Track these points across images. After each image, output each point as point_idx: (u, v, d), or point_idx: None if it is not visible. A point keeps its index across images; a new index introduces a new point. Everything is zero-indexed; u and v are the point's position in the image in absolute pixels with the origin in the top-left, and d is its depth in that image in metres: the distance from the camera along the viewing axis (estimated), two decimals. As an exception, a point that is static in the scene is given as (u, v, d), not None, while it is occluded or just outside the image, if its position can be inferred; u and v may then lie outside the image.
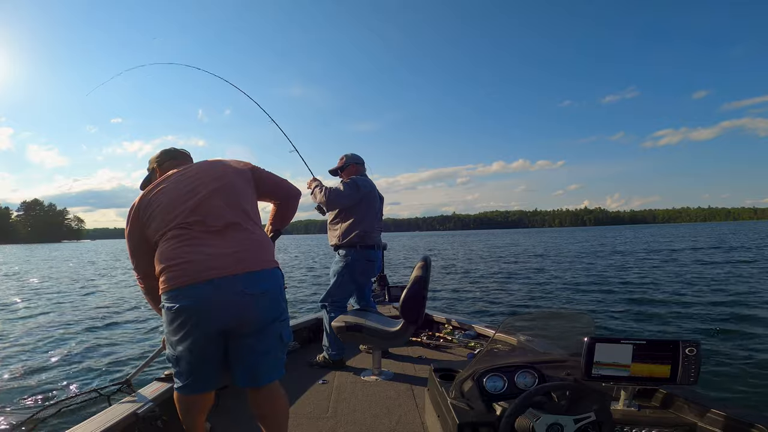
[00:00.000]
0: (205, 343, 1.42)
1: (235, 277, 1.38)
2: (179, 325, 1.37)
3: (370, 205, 2.82)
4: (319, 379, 2.51)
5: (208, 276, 1.36)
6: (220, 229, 1.46)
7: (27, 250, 51.44)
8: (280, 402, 1.53)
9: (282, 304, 1.51)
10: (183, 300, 1.35)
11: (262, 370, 1.46)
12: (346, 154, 2.96)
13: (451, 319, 3.44)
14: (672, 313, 6.50)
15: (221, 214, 1.48)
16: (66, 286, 12.13)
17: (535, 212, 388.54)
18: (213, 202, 1.49)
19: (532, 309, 7.33)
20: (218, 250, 1.41)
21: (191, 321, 1.36)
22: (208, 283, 1.35)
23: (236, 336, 1.44)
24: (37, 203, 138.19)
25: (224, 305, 1.37)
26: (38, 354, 4.99)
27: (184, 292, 1.35)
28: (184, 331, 1.38)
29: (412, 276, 2.38)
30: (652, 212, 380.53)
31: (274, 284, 1.48)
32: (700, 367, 1.40)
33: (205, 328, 1.38)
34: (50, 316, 7.45)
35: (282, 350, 1.54)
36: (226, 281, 1.37)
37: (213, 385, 1.53)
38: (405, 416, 2.02)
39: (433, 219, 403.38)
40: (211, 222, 1.45)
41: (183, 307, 1.35)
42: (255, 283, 1.41)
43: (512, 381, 1.46)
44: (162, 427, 1.79)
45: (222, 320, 1.39)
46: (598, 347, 1.43)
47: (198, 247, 1.40)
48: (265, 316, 1.44)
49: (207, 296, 1.35)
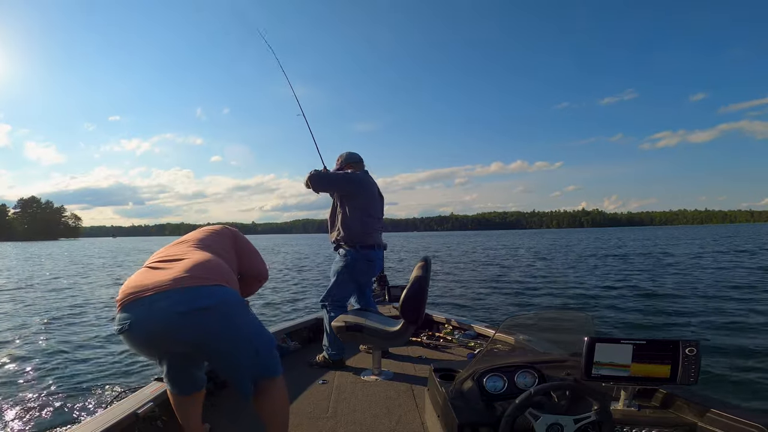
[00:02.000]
0: (158, 358, 1.52)
1: (165, 294, 1.30)
2: (128, 343, 1.39)
3: (369, 204, 2.80)
4: (319, 379, 2.51)
5: (140, 296, 1.33)
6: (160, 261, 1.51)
7: (21, 248, 51.10)
8: (278, 402, 1.50)
9: (235, 316, 1.39)
10: (120, 321, 1.34)
11: (247, 379, 1.42)
12: (342, 153, 2.95)
13: (451, 319, 3.45)
14: (672, 313, 6.53)
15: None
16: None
17: (533, 213, 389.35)
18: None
19: (532, 309, 7.34)
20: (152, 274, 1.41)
21: (130, 342, 1.38)
22: (133, 301, 1.33)
23: (199, 352, 1.44)
24: (34, 200, 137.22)
25: (149, 325, 1.30)
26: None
27: (120, 313, 1.35)
28: (134, 348, 1.41)
29: (412, 276, 2.39)
30: (649, 214, 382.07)
31: (214, 300, 1.34)
32: (700, 367, 1.41)
33: (147, 348, 1.42)
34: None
35: (267, 356, 1.46)
36: (153, 299, 1.30)
37: (195, 387, 1.63)
38: (405, 416, 2.02)
39: (431, 219, 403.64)
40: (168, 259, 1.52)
41: (121, 327, 1.34)
42: (191, 300, 1.31)
43: (512, 381, 1.47)
44: (162, 427, 1.79)
45: (153, 342, 1.36)
46: (598, 347, 1.43)
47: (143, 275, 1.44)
48: (206, 333, 1.32)
49: (135, 316, 1.32)
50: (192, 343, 1.35)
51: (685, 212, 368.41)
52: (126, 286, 1.39)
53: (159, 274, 1.39)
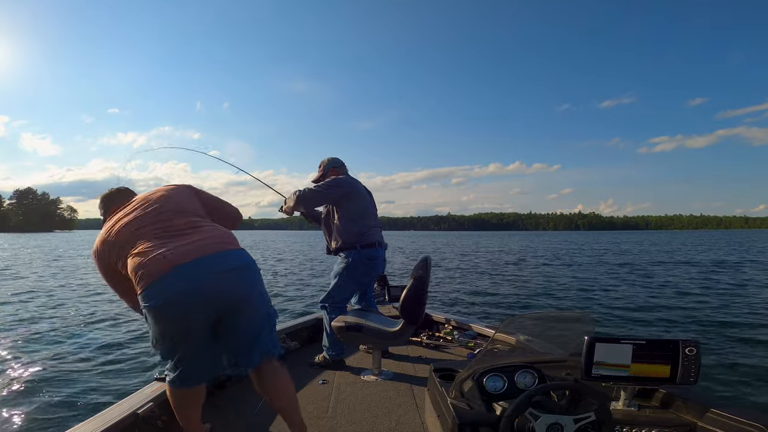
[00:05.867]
0: (186, 334, 1.45)
1: (199, 260, 1.40)
2: (160, 319, 1.40)
3: (361, 202, 2.77)
4: (319, 379, 2.51)
5: (171, 265, 1.38)
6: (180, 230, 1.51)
7: (13, 239, 50.68)
8: (283, 380, 1.59)
9: (259, 277, 1.56)
10: (154, 298, 1.37)
11: (258, 349, 1.53)
12: (323, 160, 2.93)
13: (451, 319, 3.45)
14: (672, 313, 6.56)
15: (174, 221, 1.53)
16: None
17: (530, 215, 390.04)
18: (167, 215, 1.54)
19: (532, 309, 7.36)
20: (178, 245, 1.45)
21: (168, 313, 1.39)
22: (172, 271, 1.37)
23: (224, 318, 1.47)
24: (30, 192, 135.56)
25: (194, 289, 1.38)
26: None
27: (153, 289, 1.37)
28: (165, 324, 1.41)
29: (411, 276, 2.39)
30: (645, 218, 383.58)
31: (243, 261, 1.51)
32: (700, 367, 1.41)
33: (184, 317, 1.41)
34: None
35: (273, 329, 1.59)
36: (189, 266, 1.38)
37: (204, 377, 1.58)
38: (405, 416, 2.02)
39: (428, 219, 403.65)
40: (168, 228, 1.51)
41: (156, 303, 1.37)
42: (222, 261, 1.44)
43: (512, 381, 1.47)
44: (162, 427, 1.78)
45: (198, 304, 1.40)
46: (598, 347, 1.43)
47: (158, 249, 1.43)
48: (242, 290, 1.46)
49: (174, 285, 1.36)
50: (230, 300, 1.44)
51: (681, 217, 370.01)
52: (155, 260, 1.39)
53: (184, 243, 1.44)
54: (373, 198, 2.97)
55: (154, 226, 1.50)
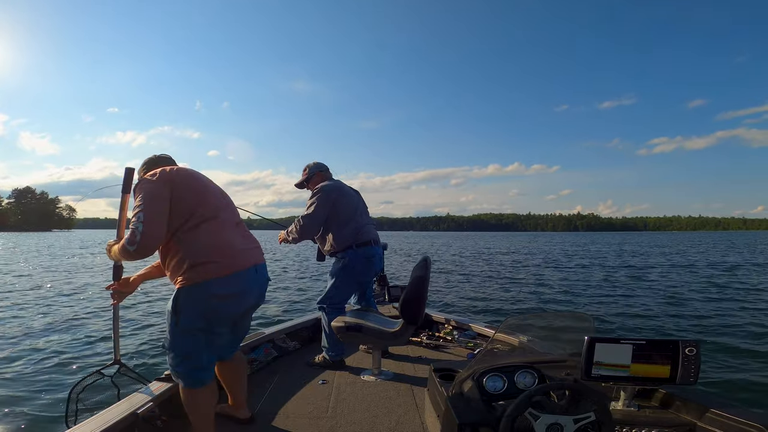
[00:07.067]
0: (230, 325, 1.70)
1: (262, 266, 1.73)
2: (221, 307, 1.56)
3: (349, 203, 2.75)
4: (318, 379, 2.51)
5: (249, 263, 1.63)
6: (237, 223, 1.72)
7: (12, 238, 50.55)
8: (243, 365, 1.95)
9: None
10: (232, 286, 1.56)
11: (239, 343, 1.90)
12: (308, 164, 2.91)
13: (451, 319, 3.45)
14: (672, 313, 6.57)
15: (235, 211, 1.76)
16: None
17: (529, 216, 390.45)
18: (235, 211, 1.77)
19: (532, 309, 7.36)
20: (246, 242, 1.69)
21: (234, 304, 1.61)
22: (251, 268, 1.63)
23: (243, 317, 1.76)
24: (29, 191, 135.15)
25: (257, 290, 1.69)
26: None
27: (235, 278, 1.56)
28: (223, 312, 1.58)
29: (411, 276, 2.39)
30: (644, 220, 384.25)
31: (268, 275, 1.84)
32: (699, 367, 1.41)
33: (239, 310, 1.65)
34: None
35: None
36: (259, 269, 1.68)
37: (213, 371, 1.75)
38: (405, 416, 2.03)
39: (427, 219, 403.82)
40: (233, 217, 1.70)
41: (232, 291, 1.56)
42: (265, 271, 1.78)
43: (512, 381, 1.47)
44: (162, 427, 1.78)
45: (250, 302, 1.69)
46: (598, 347, 1.44)
47: (236, 239, 1.63)
48: (263, 300, 1.77)
49: (249, 281, 1.62)
50: (256, 306, 1.75)
51: (680, 218, 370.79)
52: (242, 253, 1.62)
53: (250, 246, 1.69)
54: (361, 196, 2.94)
55: (233, 216, 1.70)
